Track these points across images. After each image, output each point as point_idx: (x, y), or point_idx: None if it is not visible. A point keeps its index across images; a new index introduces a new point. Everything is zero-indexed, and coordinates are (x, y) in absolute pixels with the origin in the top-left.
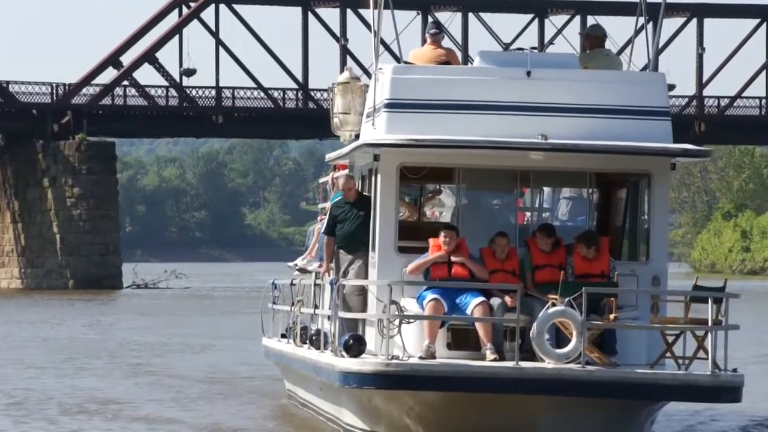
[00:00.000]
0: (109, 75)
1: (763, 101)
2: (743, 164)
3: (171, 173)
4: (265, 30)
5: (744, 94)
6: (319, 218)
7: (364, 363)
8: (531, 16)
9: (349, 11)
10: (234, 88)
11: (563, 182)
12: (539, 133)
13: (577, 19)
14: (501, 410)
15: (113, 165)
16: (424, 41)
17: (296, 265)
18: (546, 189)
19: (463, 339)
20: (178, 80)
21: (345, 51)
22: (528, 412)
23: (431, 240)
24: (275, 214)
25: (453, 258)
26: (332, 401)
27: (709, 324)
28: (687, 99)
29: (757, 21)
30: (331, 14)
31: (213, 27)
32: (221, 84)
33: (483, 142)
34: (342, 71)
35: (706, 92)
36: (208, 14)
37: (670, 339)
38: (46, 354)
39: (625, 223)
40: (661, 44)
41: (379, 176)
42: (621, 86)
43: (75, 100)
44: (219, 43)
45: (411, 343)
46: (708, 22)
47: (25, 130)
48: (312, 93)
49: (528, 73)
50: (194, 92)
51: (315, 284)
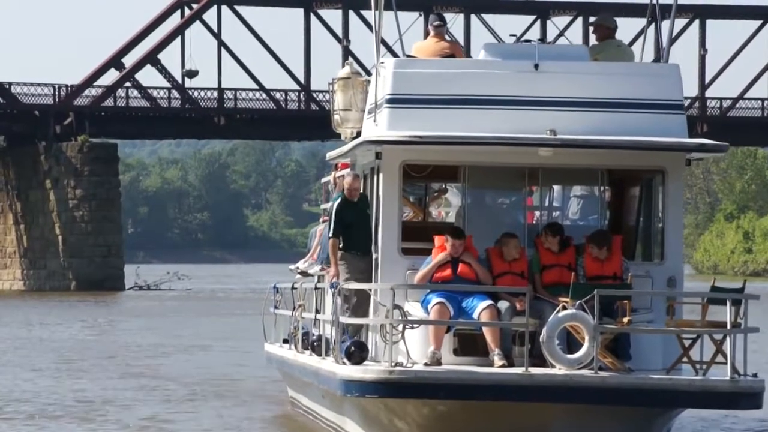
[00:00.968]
0: (112, 76)
1: (766, 102)
2: (746, 166)
3: (173, 175)
4: (268, 31)
5: (746, 96)
6: (322, 219)
7: (367, 371)
8: (533, 18)
9: (351, 12)
10: (236, 90)
11: (573, 180)
12: (548, 129)
13: (579, 21)
14: (510, 419)
15: (115, 166)
16: (427, 35)
17: (297, 268)
18: (555, 187)
19: (470, 344)
20: (181, 81)
21: (347, 52)
22: (538, 421)
23: (436, 239)
24: (277, 216)
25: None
26: (335, 409)
27: (728, 327)
28: (689, 100)
29: (760, 22)
30: (334, 15)
31: (215, 28)
32: (223, 85)
33: (489, 139)
34: None
35: (709, 94)
36: (211, 15)
37: (687, 343)
38: (42, 356)
39: (639, 222)
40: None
41: (382, 175)
42: (633, 78)
43: (77, 102)
44: (221, 45)
45: (415, 350)
46: (710, 24)
47: (28, 132)
48: (314, 94)
49: (536, 66)
50: (196, 93)
51: (316, 288)
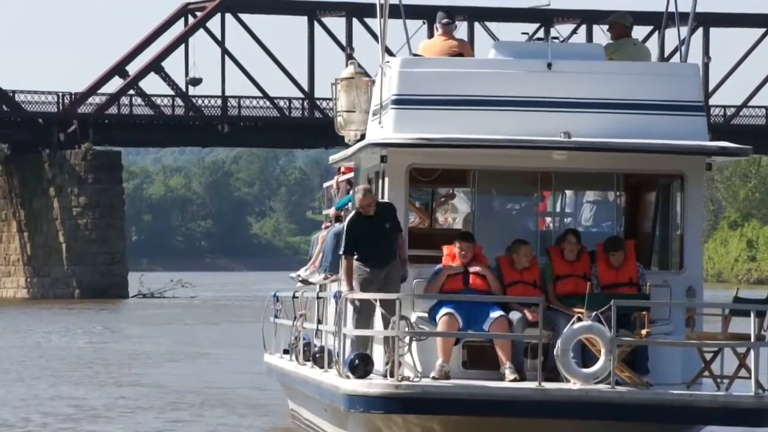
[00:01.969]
0: (115, 84)
1: None
2: (749, 174)
3: (177, 182)
4: (271, 39)
5: (750, 104)
6: (324, 225)
7: (371, 385)
8: (537, 25)
9: (355, 20)
10: (240, 98)
11: (588, 184)
12: (562, 131)
13: (583, 28)
14: None
15: (119, 174)
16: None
17: (299, 276)
18: (568, 192)
19: (480, 357)
20: (184, 89)
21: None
22: None
23: (445, 248)
24: (281, 224)
25: (470, 268)
26: (338, 424)
27: (752, 339)
28: None
29: (763, 30)
30: (337, 23)
31: (219, 36)
32: (227, 93)
33: (500, 141)
34: None
35: (712, 101)
36: (214, 23)
37: (708, 356)
38: (45, 364)
39: (656, 229)
40: (667, 54)
41: (387, 179)
42: (651, 79)
43: (81, 110)
44: (225, 53)
45: (423, 363)
46: (714, 32)
47: (32, 140)
48: (318, 102)
49: (549, 66)
50: (200, 101)
51: (318, 297)
